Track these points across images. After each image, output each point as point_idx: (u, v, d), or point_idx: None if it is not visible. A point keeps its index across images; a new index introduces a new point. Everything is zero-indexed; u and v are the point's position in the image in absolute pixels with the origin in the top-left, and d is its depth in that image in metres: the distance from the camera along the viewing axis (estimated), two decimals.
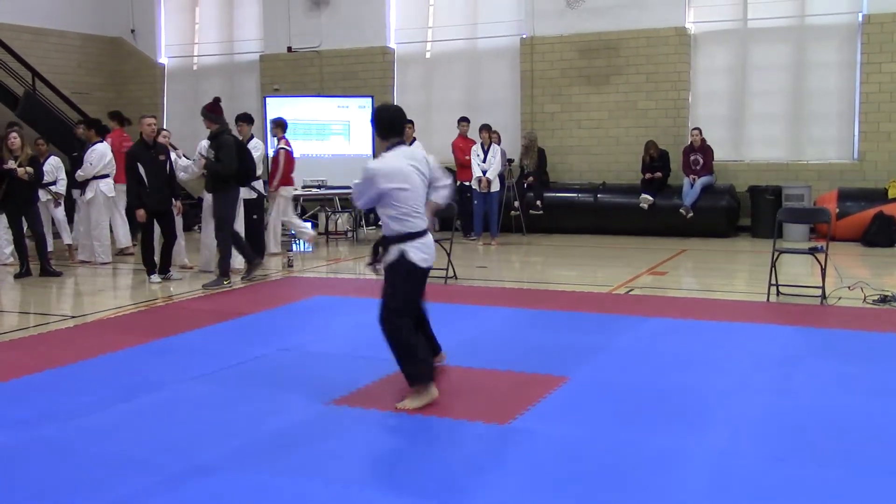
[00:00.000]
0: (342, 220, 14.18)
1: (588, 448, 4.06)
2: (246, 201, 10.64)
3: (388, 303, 4.86)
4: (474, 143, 13.04)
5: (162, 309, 7.97)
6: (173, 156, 10.08)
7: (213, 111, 9.20)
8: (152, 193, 9.24)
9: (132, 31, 17.81)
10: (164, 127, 12.09)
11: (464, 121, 13.44)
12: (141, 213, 9.22)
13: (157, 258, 9.46)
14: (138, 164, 9.17)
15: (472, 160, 12.74)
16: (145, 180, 9.18)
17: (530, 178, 13.36)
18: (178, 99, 17.82)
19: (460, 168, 13.07)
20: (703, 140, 12.97)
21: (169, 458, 3.97)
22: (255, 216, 10.72)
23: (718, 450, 4.01)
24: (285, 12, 16.34)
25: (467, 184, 12.90)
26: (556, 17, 14.22)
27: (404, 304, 4.89)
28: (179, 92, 17.83)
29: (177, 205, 9.68)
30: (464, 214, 12.91)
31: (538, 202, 13.41)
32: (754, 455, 3.94)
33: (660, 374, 5.38)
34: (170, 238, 9.63)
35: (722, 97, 13.81)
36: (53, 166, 10.80)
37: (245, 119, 10.86)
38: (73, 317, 7.60)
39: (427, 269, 4.93)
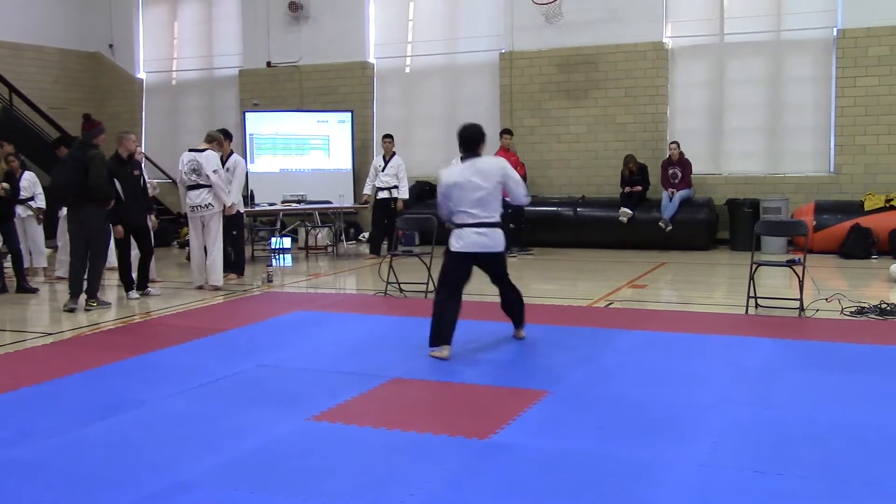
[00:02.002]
0: (322, 235, 14.15)
1: (568, 462, 4.06)
2: (225, 218, 10.60)
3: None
4: (514, 155, 12.90)
5: (140, 325, 7.91)
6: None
7: (82, 128, 9.10)
8: (129, 209, 9.20)
9: (110, 45, 17.76)
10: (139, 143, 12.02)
11: (507, 133, 13.13)
12: (119, 230, 9.17)
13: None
14: (114, 179, 9.12)
15: None
16: (122, 196, 9.13)
17: None
18: (156, 114, 17.78)
19: None
20: (682, 154, 13.06)
21: (147, 476, 3.93)
22: (234, 232, 10.67)
23: (698, 462, 4.02)
24: (265, 27, 16.35)
25: (506, 199, 12.64)
26: (535, 31, 14.31)
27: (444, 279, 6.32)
28: (158, 107, 17.79)
29: (152, 219, 9.66)
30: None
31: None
32: (734, 467, 3.95)
33: (640, 387, 5.39)
34: (146, 253, 9.58)
35: (700, 111, 13.93)
36: (30, 182, 10.72)
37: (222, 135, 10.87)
38: (50, 334, 7.53)
39: (461, 254, 6.27)
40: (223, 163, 10.65)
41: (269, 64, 16.38)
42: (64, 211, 10.70)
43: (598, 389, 5.37)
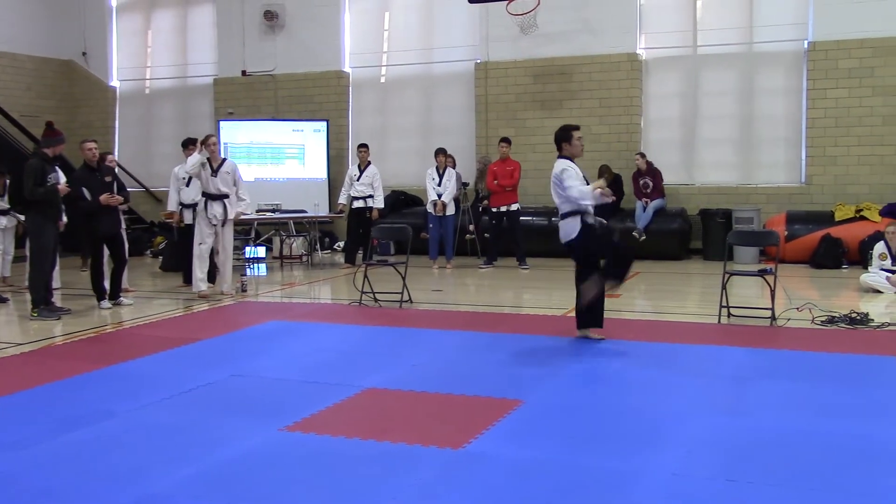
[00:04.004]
0: (297, 245, 14.11)
1: (542, 471, 4.06)
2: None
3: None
4: (513, 165, 12.60)
5: (112, 335, 7.84)
6: None
7: (42, 135, 9.06)
8: (102, 217, 9.12)
9: (84, 53, 17.64)
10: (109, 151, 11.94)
11: (505, 142, 12.75)
12: (108, 198, 9.08)
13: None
14: (83, 188, 9.05)
15: (427, 184, 12.76)
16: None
17: (485, 202, 13.42)
18: (130, 122, 17.66)
19: (493, 193, 12.59)
20: (650, 163, 13.14)
21: (119, 488, 3.89)
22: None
23: (671, 471, 4.04)
24: (240, 36, 16.31)
25: (504, 209, 12.44)
26: (510, 42, 14.37)
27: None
28: (132, 115, 17.67)
29: (115, 196, 9.35)
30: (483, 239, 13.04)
31: (470, 226, 13.60)
32: (707, 476, 3.97)
33: (613, 396, 5.42)
34: (120, 262, 9.50)
35: (673, 122, 14.04)
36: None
37: (187, 145, 10.93)
38: (20, 344, 7.44)
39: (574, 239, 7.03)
40: None
41: (244, 73, 16.34)
42: None
43: (572, 399, 5.39)
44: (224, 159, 10.30)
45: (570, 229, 7.05)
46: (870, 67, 12.73)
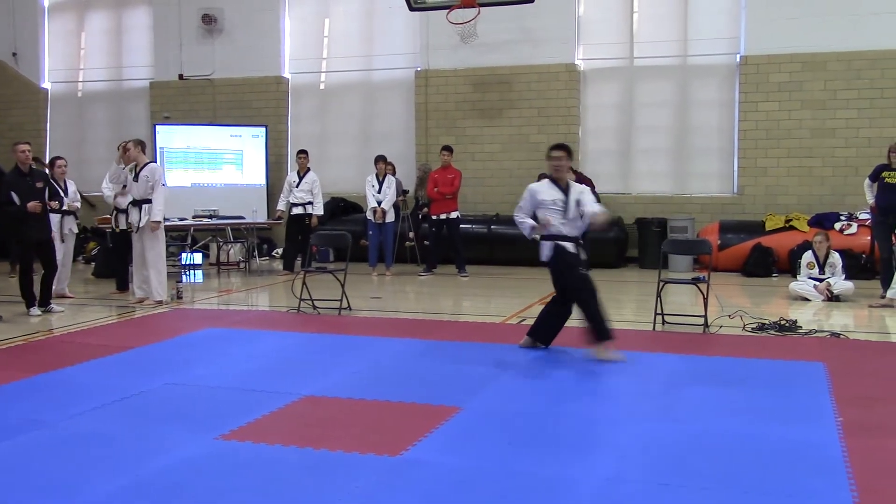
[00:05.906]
0: (234, 251, 13.95)
1: (479, 477, 4.08)
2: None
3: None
4: (454, 173, 12.56)
5: (42, 343, 7.65)
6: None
7: None
8: (31, 223, 8.90)
9: (14, 54, 17.20)
10: (60, 155, 11.61)
11: (446, 150, 12.70)
12: (35, 205, 8.81)
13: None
14: (12, 193, 8.83)
15: (367, 191, 12.74)
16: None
17: (425, 210, 13.45)
18: (62, 125, 17.26)
19: (433, 201, 12.57)
20: (579, 173, 13.19)
21: (51, 500, 3.80)
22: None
23: (606, 476, 4.09)
24: (177, 39, 16.09)
25: (444, 216, 12.40)
26: (451, 50, 14.44)
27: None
28: (64, 118, 17.28)
29: (47, 204, 9.14)
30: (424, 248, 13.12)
31: (410, 233, 13.66)
32: (640, 480, 4.04)
33: (550, 403, 5.47)
34: (50, 269, 9.28)
35: (610, 132, 14.26)
36: None
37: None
38: None
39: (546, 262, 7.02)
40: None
41: (181, 76, 16.11)
42: None
43: (509, 405, 5.42)
44: (147, 163, 9.97)
45: (545, 250, 7.06)
46: (799, 81, 13.10)
